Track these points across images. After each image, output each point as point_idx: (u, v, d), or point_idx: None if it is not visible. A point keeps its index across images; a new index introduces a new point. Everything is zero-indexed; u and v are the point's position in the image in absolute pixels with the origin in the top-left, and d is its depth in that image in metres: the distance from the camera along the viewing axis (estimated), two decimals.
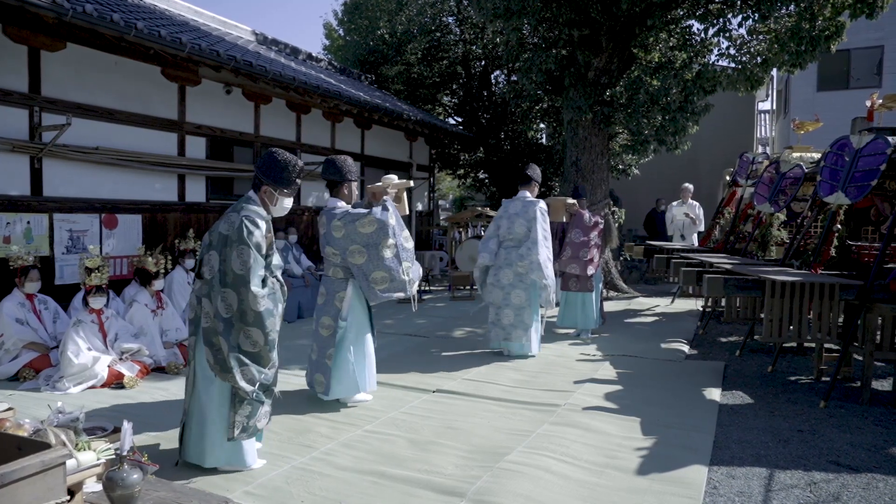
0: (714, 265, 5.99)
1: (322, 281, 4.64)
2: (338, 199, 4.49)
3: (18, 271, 5.42)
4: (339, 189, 4.49)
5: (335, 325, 4.43)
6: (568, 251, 7.04)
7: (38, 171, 6.42)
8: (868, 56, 16.13)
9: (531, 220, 5.92)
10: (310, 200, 10.48)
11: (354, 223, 4.33)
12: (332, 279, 4.51)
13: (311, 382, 4.60)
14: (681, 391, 4.88)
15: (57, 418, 2.82)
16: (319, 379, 4.47)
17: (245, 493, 3.10)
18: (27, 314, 5.42)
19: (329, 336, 4.44)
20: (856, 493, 3.18)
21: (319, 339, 4.50)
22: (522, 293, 5.89)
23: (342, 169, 4.45)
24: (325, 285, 4.57)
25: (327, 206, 4.50)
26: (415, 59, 16.08)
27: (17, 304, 5.39)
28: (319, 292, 4.63)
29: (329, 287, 4.52)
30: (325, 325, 4.47)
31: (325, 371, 4.43)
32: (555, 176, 15.47)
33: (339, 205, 4.46)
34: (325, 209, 4.52)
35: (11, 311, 5.31)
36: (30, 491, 2.09)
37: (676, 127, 9.69)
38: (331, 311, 4.45)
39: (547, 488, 3.16)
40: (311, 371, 4.59)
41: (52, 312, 5.61)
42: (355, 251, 4.34)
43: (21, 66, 6.24)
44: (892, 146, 4.82)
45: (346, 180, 4.47)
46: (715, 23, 9.13)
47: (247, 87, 8.84)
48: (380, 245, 4.33)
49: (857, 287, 4.58)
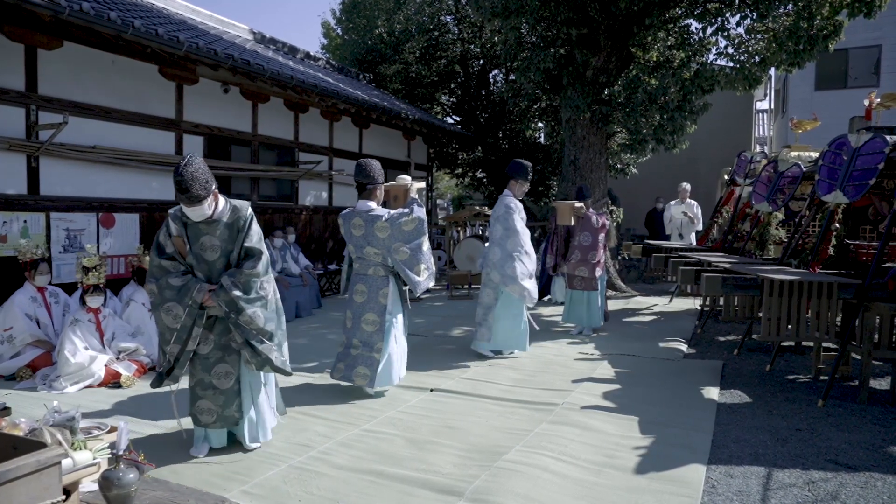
0: (712, 264, 5.99)
1: (359, 280, 4.80)
2: (369, 201, 4.72)
3: (28, 265, 5.43)
4: (371, 192, 4.74)
5: (381, 320, 4.68)
6: (577, 254, 6.99)
7: (34, 169, 6.39)
8: (866, 55, 16.14)
9: (495, 218, 6.03)
10: (307, 200, 10.46)
11: (398, 223, 4.61)
12: (373, 277, 4.74)
13: (348, 376, 4.72)
14: (679, 390, 4.88)
15: (53, 417, 2.81)
16: (363, 371, 4.66)
17: (242, 493, 3.09)
18: (37, 309, 5.44)
19: (376, 331, 4.69)
20: (854, 491, 3.17)
21: (363, 335, 4.70)
22: (491, 292, 5.97)
23: (372, 173, 4.71)
24: (364, 283, 4.76)
25: (359, 208, 4.72)
26: (413, 58, 16.07)
27: (29, 298, 5.42)
28: (355, 290, 4.80)
29: (371, 285, 4.74)
30: (370, 321, 4.70)
31: (370, 364, 4.65)
32: (553, 175, 15.47)
33: (371, 206, 4.70)
34: (355, 211, 4.74)
35: (23, 306, 5.34)
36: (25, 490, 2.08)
37: (675, 126, 9.69)
38: (375, 307, 4.70)
39: (545, 487, 3.16)
40: (349, 365, 4.72)
41: (63, 305, 5.65)
42: (400, 248, 4.62)
43: (18, 65, 6.22)
44: (889, 145, 4.82)
45: (376, 183, 4.74)
46: (713, 22, 9.12)
47: (244, 85, 8.82)
48: (421, 241, 4.67)
49: (856, 286, 4.58)
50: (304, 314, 8.28)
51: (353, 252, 4.82)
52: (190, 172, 3.25)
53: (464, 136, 14.93)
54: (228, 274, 3.45)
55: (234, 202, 3.57)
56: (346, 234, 4.83)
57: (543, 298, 9.69)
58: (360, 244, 4.72)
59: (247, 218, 3.54)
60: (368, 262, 4.75)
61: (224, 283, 3.41)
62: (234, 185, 9.05)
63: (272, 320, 3.58)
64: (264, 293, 3.53)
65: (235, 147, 9.00)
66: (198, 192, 3.27)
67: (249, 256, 3.52)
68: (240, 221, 3.53)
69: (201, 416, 3.58)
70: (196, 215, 3.41)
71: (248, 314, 3.43)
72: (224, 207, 3.50)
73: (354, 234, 4.73)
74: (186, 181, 3.24)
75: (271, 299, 3.61)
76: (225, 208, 3.51)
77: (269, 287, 3.60)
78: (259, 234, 3.59)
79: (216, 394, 3.55)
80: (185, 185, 3.23)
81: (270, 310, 3.58)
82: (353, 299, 4.80)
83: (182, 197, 3.29)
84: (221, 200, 3.49)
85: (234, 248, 3.52)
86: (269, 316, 3.56)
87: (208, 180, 3.34)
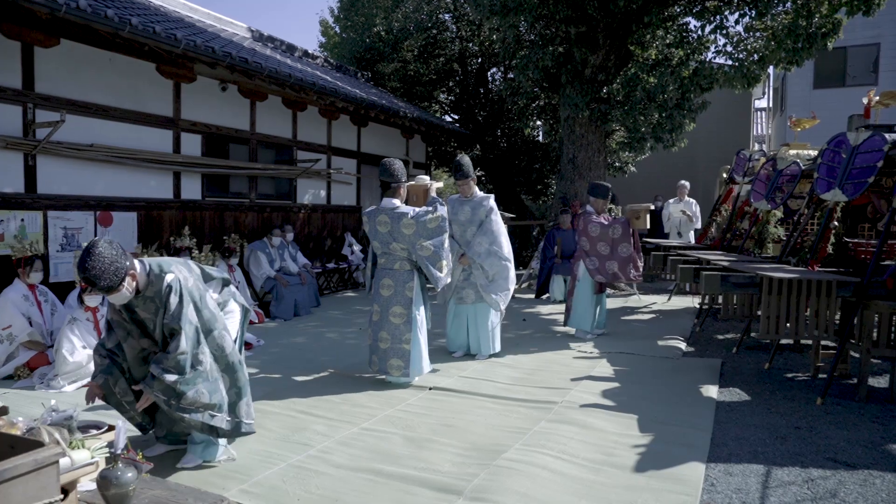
0: (711, 262, 5.98)
1: (386, 275, 4.98)
2: (393, 199, 4.94)
3: (23, 262, 5.40)
4: (396, 190, 4.95)
5: (408, 313, 4.89)
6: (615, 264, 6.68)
7: (31, 168, 6.38)
8: (864, 53, 16.15)
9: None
10: (306, 198, 10.45)
11: (423, 220, 4.82)
12: (399, 272, 4.95)
13: (384, 370, 4.93)
14: (678, 388, 4.87)
15: (51, 416, 2.80)
16: (397, 363, 4.88)
17: (241, 492, 3.08)
18: (30, 308, 5.40)
19: (404, 323, 4.90)
20: (853, 489, 3.17)
21: (391, 327, 4.90)
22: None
23: (396, 173, 4.94)
24: (391, 278, 4.95)
25: (384, 206, 4.92)
26: (411, 57, 16.05)
27: (22, 296, 5.37)
28: (382, 285, 4.98)
29: (397, 279, 4.94)
30: (398, 313, 4.91)
31: (403, 355, 4.88)
32: (551, 174, 15.47)
33: (396, 203, 4.91)
34: (380, 209, 4.93)
35: (18, 304, 5.30)
36: (23, 490, 2.07)
37: (673, 124, 9.70)
38: (402, 300, 4.91)
39: (544, 486, 3.16)
40: (382, 358, 4.93)
41: (51, 304, 5.61)
42: (423, 244, 4.82)
43: (14, 63, 6.20)
44: (888, 143, 4.82)
45: (400, 182, 4.96)
46: (712, 20, 9.13)
47: (242, 84, 8.80)
48: (443, 238, 4.90)
49: (854, 284, 4.58)
50: (303, 313, 8.27)
51: (379, 248, 5.00)
52: (93, 265, 2.90)
53: (462, 134, 14.93)
54: (155, 361, 3.11)
55: (155, 271, 3.16)
56: (370, 232, 4.99)
57: (542, 297, 9.70)
58: (386, 240, 4.91)
59: (164, 292, 3.13)
60: (394, 257, 4.94)
61: (154, 372, 3.07)
62: (232, 184, 9.04)
63: (216, 391, 3.26)
64: (202, 367, 3.19)
65: (233, 145, 8.98)
66: (108, 283, 2.95)
67: (173, 335, 3.13)
68: (160, 296, 3.14)
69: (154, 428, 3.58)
70: (118, 300, 3.12)
71: (191, 396, 3.12)
72: (145, 283, 3.15)
73: (380, 231, 4.90)
74: (92, 276, 2.91)
75: (211, 367, 3.26)
76: (145, 283, 3.15)
77: (206, 355, 3.24)
78: (178, 305, 3.13)
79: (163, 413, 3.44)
80: (93, 280, 2.92)
81: (213, 379, 3.26)
82: (380, 293, 4.98)
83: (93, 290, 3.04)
84: (141, 276, 3.13)
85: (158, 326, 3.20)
86: (213, 387, 3.24)
87: (117, 265, 2.96)
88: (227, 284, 3.73)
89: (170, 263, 3.24)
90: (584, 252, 6.76)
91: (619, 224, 6.70)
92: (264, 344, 6.46)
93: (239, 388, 3.44)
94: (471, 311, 5.86)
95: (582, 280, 6.75)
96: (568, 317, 6.93)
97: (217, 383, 3.29)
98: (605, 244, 6.66)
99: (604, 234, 6.65)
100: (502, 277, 5.75)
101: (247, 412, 3.47)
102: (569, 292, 7.00)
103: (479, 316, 5.83)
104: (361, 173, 11.86)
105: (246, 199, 9.22)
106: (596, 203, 6.86)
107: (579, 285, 6.77)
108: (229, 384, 3.40)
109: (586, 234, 6.74)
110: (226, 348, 3.38)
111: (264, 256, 8.34)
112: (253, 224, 9.25)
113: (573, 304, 6.83)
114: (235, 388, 3.42)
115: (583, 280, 6.75)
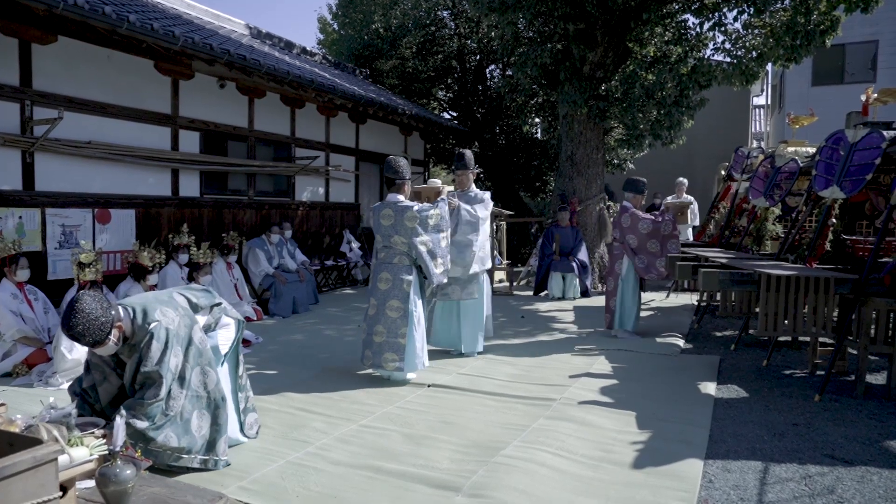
0: (709, 259, 6.00)
1: (384, 268, 4.98)
2: (398, 195, 5.03)
3: (7, 260, 5.36)
4: (400, 186, 5.04)
5: (405, 307, 4.88)
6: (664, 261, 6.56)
7: (29, 165, 6.36)
8: (863, 51, 16.15)
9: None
10: (304, 195, 10.44)
11: (424, 215, 4.92)
12: (398, 266, 4.95)
13: (377, 364, 4.91)
14: (676, 385, 4.88)
15: (49, 414, 2.80)
16: (391, 357, 4.85)
17: (239, 489, 3.08)
18: (20, 305, 5.37)
19: (400, 317, 4.88)
20: (850, 486, 3.18)
21: (388, 321, 4.88)
22: None
23: (400, 170, 5.06)
24: (389, 272, 4.95)
25: (388, 201, 5.02)
26: (409, 54, 16.02)
27: (10, 295, 5.34)
28: (379, 278, 4.97)
29: (395, 273, 4.94)
30: (395, 307, 4.89)
31: (398, 349, 4.85)
32: (550, 171, 15.47)
33: (399, 198, 5.00)
34: (385, 203, 5.02)
35: (6, 303, 5.27)
36: (21, 487, 2.07)
37: (671, 121, 9.69)
38: (399, 294, 4.90)
39: (542, 482, 3.16)
40: (377, 352, 4.90)
41: (42, 303, 5.58)
42: (423, 240, 4.90)
43: (12, 60, 6.18)
44: (886, 140, 4.82)
45: (404, 179, 5.05)
46: (710, 17, 9.12)
47: (241, 81, 8.78)
48: (440, 236, 4.99)
49: (852, 281, 4.59)
50: (301, 310, 8.27)
51: (381, 242, 5.02)
52: (77, 322, 2.83)
53: (460, 131, 14.91)
54: (126, 406, 3.00)
55: (138, 321, 3.07)
56: (374, 226, 5.05)
57: (540, 294, 9.71)
58: (388, 233, 4.95)
59: (146, 340, 3.05)
60: (395, 251, 4.96)
61: (124, 416, 2.89)
62: (230, 181, 9.03)
63: (187, 434, 3.17)
64: (173, 412, 3.11)
65: (232, 142, 8.97)
66: (93, 339, 2.89)
67: (149, 384, 3.06)
68: (140, 344, 3.06)
69: None
70: (104, 353, 3.05)
71: (160, 441, 3.06)
72: (129, 329, 3.07)
73: (383, 224, 4.96)
74: (77, 333, 2.84)
75: (184, 409, 3.17)
76: (131, 330, 3.07)
77: (181, 398, 3.16)
78: (161, 353, 3.07)
79: None
80: (77, 337, 2.86)
81: (185, 420, 3.17)
82: (377, 286, 4.98)
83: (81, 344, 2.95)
84: (126, 323, 3.04)
85: (130, 371, 3.11)
86: (182, 430, 3.16)
87: (102, 320, 2.88)
88: (218, 305, 3.61)
89: (154, 308, 3.14)
90: (632, 250, 6.49)
91: (669, 221, 6.47)
92: (263, 341, 6.46)
93: (219, 425, 3.32)
94: (456, 307, 5.83)
95: (626, 278, 6.57)
96: (612, 319, 6.66)
97: (188, 425, 3.18)
98: (655, 241, 6.43)
99: (655, 230, 6.40)
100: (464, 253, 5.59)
101: (224, 449, 3.35)
102: (609, 293, 6.71)
103: (465, 312, 5.80)
104: (360, 170, 11.85)
105: (244, 196, 9.21)
106: (634, 199, 6.67)
107: (623, 284, 6.58)
108: (210, 421, 3.30)
109: (635, 231, 6.45)
110: (208, 384, 3.30)
111: (263, 254, 8.33)
112: (251, 221, 9.24)
113: (617, 305, 6.61)
114: (216, 425, 3.31)
115: (626, 278, 6.57)
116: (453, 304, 5.84)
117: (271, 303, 8.07)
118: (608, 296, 6.75)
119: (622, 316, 6.64)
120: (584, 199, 10.20)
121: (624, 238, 6.56)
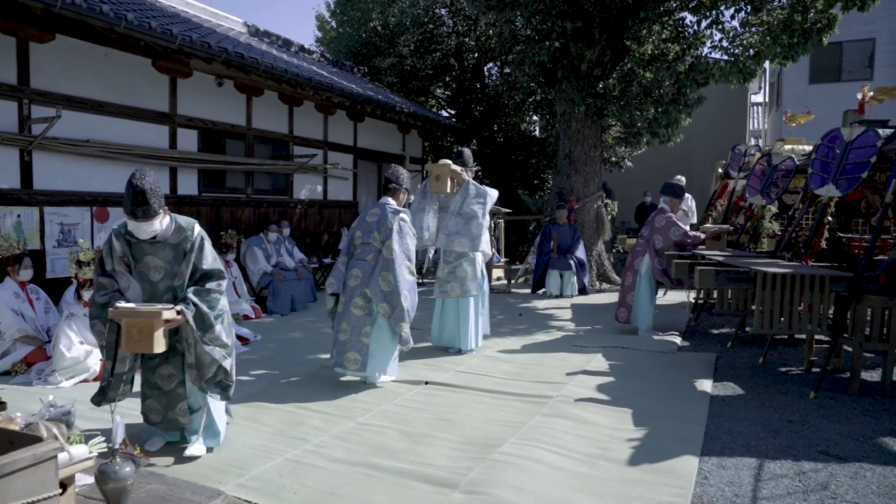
0: (706, 257, 6.02)
1: (356, 265, 4.86)
2: (391, 199, 5.03)
3: (11, 259, 5.38)
4: (395, 192, 5.06)
5: (369, 306, 4.74)
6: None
7: (27, 163, 6.37)
8: (860, 49, 16.17)
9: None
10: (302, 193, 10.44)
11: (406, 225, 4.93)
12: (370, 263, 4.82)
13: (340, 363, 4.75)
14: (672, 383, 4.91)
15: (49, 412, 2.82)
16: (354, 357, 4.69)
17: (238, 486, 3.10)
18: (22, 304, 5.38)
19: (364, 315, 4.73)
20: (844, 482, 3.21)
21: (352, 319, 4.73)
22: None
23: (400, 178, 5.12)
24: (360, 269, 4.81)
25: (380, 202, 5.03)
26: (407, 52, 16.02)
27: (13, 294, 5.35)
28: (350, 275, 4.84)
29: (366, 270, 4.80)
30: (359, 305, 4.74)
31: (361, 349, 4.70)
32: (548, 169, 15.48)
33: (391, 202, 5.00)
34: (376, 204, 5.04)
35: (8, 301, 5.28)
36: (21, 484, 2.09)
37: (669, 119, 9.71)
38: (364, 292, 4.75)
39: (539, 479, 3.18)
40: (340, 351, 4.75)
41: (44, 302, 5.59)
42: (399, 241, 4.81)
43: (9, 58, 6.18)
44: (882, 139, 4.85)
45: (400, 186, 5.09)
46: (708, 15, 9.14)
47: (238, 79, 8.79)
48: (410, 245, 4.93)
49: (848, 279, 4.61)
50: (300, 308, 8.29)
51: (360, 238, 4.93)
52: (149, 184, 3.09)
53: (459, 129, 14.92)
54: (194, 292, 3.29)
55: (179, 220, 3.36)
56: (358, 222, 5.03)
57: (538, 292, 9.72)
58: (369, 229, 4.89)
59: (194, 240, 3.34)
60: (370, 248, 4.87)
61: (191, 298, 3.25)
62: (228, 179, 9.03)
63: (231, 335, 3.50)
64: (221, 311, 3.42)
65: (230, 141, 8.98)
66: (155, 207, 3.13)
67: (209, 277, 3.37)
68: (186, 243, 3.33)
69: (150, 414, 3.56)
70: (144, 233, 3.22)
71: (217, 330, 3.34)
72: (169, 226, 3.31)
73: (367, 221, 4.92)
74: (147, 193, 3.07)
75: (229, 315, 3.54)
76: (170, 227, 3.32)
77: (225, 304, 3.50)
78: (213, 254, 3.44)
79: (160, 394, 3.50)
80: (146, 198, 3.07)
81: (228, 323, 3.48)
82: (347, 283, 4.86)
83: (137, 211, 3.10)
84: (167, 219, 3.30)
85: (183, 269, 3.33)
86: (229, 330, 3.47)
87: (161, 194, 3.19)
88: None
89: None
90: (655, 250, 6.52)
91: (696, 241, 6.48)
92: (261, 339, 6.47)
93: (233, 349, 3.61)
94: (454, 304, 5.85)
95: (644, 276, 6.63)
96: (628, 314, 6.77)
97: (231, 330, 3.49)
98: (675, 251, 6.49)
99: (680, 242, 6.44)
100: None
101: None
102: (626, 287, 6.80)
103: (460, 310, 5.82)
104: (358, 168, 11.85)
105: (242, 194, 9.22)
106: (672, 203, 6.69)
107: (641, 280, 6.64)
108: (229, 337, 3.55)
109: (665, 234, 6.45)
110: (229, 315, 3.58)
111: (261, 252, 8.34)
112: (249, 219, 9.25)
113: (635, 302, 6.68)
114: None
115: (645, 275, 6.63)
116: (452, 302, 5.86)
117: (269, 301, 8.08)
118: (624, 290, 6.83)
119: (641, 314, 6.69)
120: (581, 197, 10.21)
121: (651, 237, 6.57)
